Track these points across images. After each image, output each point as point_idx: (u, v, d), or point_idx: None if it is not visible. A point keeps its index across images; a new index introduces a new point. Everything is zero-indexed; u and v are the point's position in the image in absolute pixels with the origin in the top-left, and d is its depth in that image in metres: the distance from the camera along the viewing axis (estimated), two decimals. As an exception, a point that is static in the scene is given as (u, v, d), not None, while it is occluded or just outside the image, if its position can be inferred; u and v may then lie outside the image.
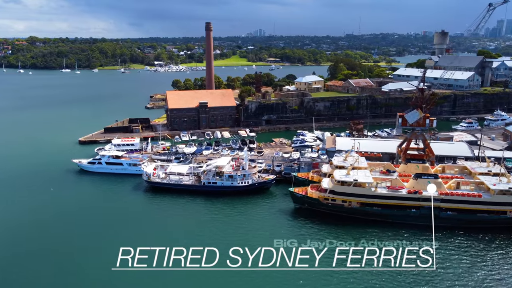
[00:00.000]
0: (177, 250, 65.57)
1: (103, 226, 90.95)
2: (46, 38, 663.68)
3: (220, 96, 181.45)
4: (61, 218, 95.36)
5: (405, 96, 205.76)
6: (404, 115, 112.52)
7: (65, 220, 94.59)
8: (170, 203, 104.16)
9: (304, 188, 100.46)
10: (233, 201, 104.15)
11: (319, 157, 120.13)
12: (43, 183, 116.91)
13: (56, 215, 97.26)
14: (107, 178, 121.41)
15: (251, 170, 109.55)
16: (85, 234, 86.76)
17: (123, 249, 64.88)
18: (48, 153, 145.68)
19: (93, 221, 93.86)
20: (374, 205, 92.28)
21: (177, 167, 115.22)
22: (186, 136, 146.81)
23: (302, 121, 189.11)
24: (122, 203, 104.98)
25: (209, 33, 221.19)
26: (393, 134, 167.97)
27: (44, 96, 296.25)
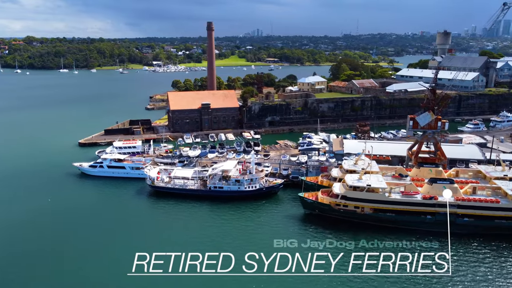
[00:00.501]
0: (192, 255, 65.83)
1: (111, 232, 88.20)
2: (43, 38, 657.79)
3: (223, 97, 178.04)
4: (66, 224, 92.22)
5: (409, 97, 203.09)
6: (416, 118, 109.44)
7: (71, 225, 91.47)
8: (176, 208, 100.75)
9: (314, 193, 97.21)
10: (241, 206, 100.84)
11: (327, 160, 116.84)
12: (44, 187, 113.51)
13: (61, 220, 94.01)
14: (109, 182, 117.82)
15: (259, 174, 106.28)
16: (95, 240, 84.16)
17: (139, 255, 65.17)
18: (47, 155, 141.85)
19: (100, 226, 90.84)
20: (387, 211, 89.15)
21: (182, 171, 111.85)
22: (189, 138, 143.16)
23: (306, 123, 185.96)
24: (127, 208, 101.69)
25: (211, 33, 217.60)
26: (399, 136, 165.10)
27: (42, 96, 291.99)
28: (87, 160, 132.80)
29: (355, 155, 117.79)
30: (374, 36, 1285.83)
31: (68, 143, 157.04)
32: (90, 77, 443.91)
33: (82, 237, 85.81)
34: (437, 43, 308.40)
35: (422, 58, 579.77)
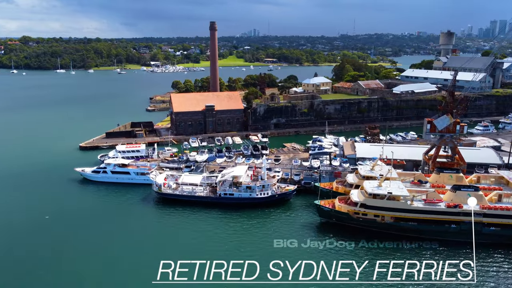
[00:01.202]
0: (217, 263, 66.12)
1: (125, 240, 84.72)
2: (39, 38, 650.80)
3: (227, 99, 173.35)
4: (75, 232, 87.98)
5: (416, 98, 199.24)
6: (433, 121, 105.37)
7: (81, 233, 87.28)
8: (185, 216, 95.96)
9: (331, 200, 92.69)
10: (252, 214, 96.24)
11: (341, 165, 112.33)
12: (45, 194, 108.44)
13: (69, 228, 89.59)
14: (113, 188, 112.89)
15: (271, 180, 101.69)
16: (114, 248, 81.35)
17: (164, 263, 65.17)
18: (47, 160, 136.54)
19: (112, 234, 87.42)
20: (410, 220, 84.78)
21: (190, 177, 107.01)
22: (195, 142, 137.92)
23: (312, 125, 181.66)
24: (135, 216, 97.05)
25: (214, 32, 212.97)
26: (409, 139, 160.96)
27: (40, 97, 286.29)
28: (89, 165, 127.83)
29: (369, 160, 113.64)
30: (371, 36, 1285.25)
31: (68, 147, 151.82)
32: (88, 77, 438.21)
33: (98, 245, 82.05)
34: (440, 43, 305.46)
35: (421, 58, 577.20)
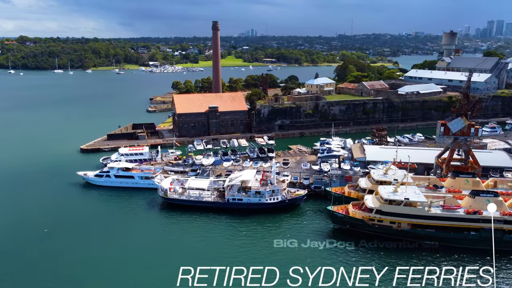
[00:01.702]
0: (237, 269, 65.50)
1: (136, 247, 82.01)
2: (36, 37, 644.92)
3: (230, 100, 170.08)
4: (83, 238, 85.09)
5: (422, 99, 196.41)
6: (447, 123, 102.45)
7: (89, 240, 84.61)
8: (194, 222, 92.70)
9: (344, 206, 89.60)
10: (263, 220, 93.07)
11: (351, 169, 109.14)
12: (46, 199, 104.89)
13: (75, 235, 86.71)
14: (117, 193, 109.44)
15: (280, 185, 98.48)
16: (127, 254, 79.54)
17: (183, 269, 64.49)
18: (47, 163, 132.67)
19: (120, 240, 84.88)
20: (427, 227, 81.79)
21: (197, 182, 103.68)
22: (200, 144, 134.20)
23: (317, 126, 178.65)
24: (143, 222, 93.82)
25: (216, 32, 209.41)
26: (415, 140, 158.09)
27: (38, 97, 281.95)
28: (90, 168, 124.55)
29: (381, 163, 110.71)
30: (369, 37, 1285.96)
31: (69, 149, 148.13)
32: (86, 77, 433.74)
33: (108, 253, 79.65)
34: (443, 44, 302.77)
35: (419, 58, 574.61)
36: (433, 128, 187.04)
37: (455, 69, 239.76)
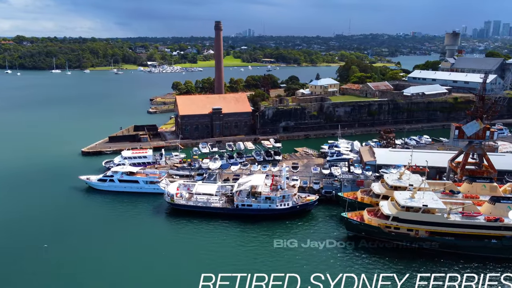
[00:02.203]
0: (258, 276, 65.34)
1: (147, 254, 79.03)
2: (33, 37, 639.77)
3: (234, 101, 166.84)
4: (87, 248, 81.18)
5: (427, 100, 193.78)
6: (462, 127, 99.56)
7: (94, 250, 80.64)
8: (203, 228, 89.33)
9: (358, 213, 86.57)
10: (273, 226, 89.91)
11: (363, 173, 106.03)
12: (48, 205, 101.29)
13: (77, 244, 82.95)
14: (121, 198, 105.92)
15: (291, 190, 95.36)
16: (133, 263, 76.24)
17: (205, 276, 64.26)
18: (47, 166, 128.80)
19: (128, 249, 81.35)
20: (446, 235, 78.84)
21: (204, 187, 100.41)
22: (205, 147, 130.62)
23: (322, 128, 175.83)
24: (149, 229, 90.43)
25: (219, 32, 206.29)
26: (423, 143, 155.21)
27: (36, 98, 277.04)
28: (93, 172, 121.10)
29: (393, 167, 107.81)
30: (366, 37, 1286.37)
31: (70, 152, 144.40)
32: (84, 78, 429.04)
33: (120, 261, 76.95)
34: (445, 44, 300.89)
35: (417, 58, 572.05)
36: (439, 129, 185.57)
37: (459, 69, 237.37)
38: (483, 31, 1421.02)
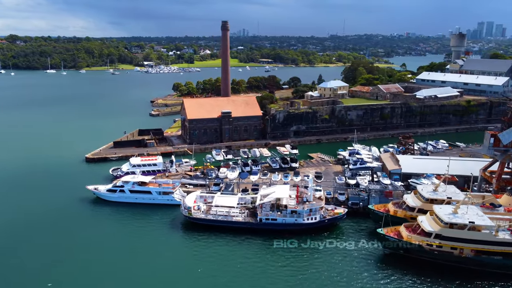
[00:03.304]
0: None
1: (172, 274, 72.97)
2: (27, 36, 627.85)
3: (244, 105, 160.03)
4: (101, 268, 74.07)
5: (440, 103, 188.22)
6: (498, 134, 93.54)
7: (110, 269, 73.65)
8: (228, 245, 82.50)
9: (394, 228, 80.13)
10: (301, 242, 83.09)
11: (392, 184, 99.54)
12: (53, 218, 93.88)
13: (86, 260, 76.31)
14: (132, 210, 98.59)
15: (319, 202, 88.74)
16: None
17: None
18: (50, 175, 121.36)
19: (148, 267, 74.46)
20: (494, 254, 72.62)
21: (224, 199, 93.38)
22: (219, 154, 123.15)
23: (333, 132, 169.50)
24: (166, 245, 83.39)
25: (226, 33, 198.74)
26: (439, 148, 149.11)
27: (34, 99, 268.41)
28: (99, 180, 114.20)
29: (423, 177, 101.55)
30: (361, 37, 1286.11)
31: (73, 158, 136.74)
32: (80, 78, 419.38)
33: (141, 277, 71.53)
34: (451, 45, 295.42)
35: (412, 59, 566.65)
36: (452, 134, 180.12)
37: (468, 71, 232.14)
38: (476, 32, 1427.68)
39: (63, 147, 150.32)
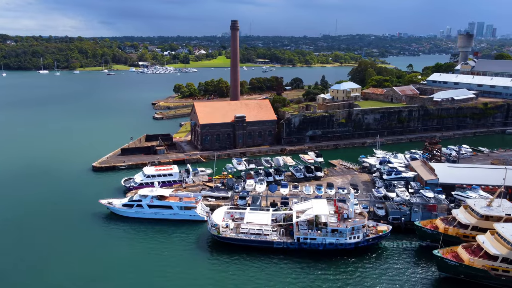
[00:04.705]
0: None
1: None
2: (18, 36, 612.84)
3: (257, 108, 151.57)
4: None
5: (457, 106, 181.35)
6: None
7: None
8: (268, 268, 73.98)
9: (450, 249, 72.19)
10: (344, 264, 75.28)
11: (436, 197, 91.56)
12: (66, 237, 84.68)
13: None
14: (152, 226, 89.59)
15: (361, 219, 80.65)
16: None
17: None
18: (57, 187, 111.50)
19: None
20: None
21: (256, 215, 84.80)
22: (241, 164, 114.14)
23: (350, 137, 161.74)
24: (198, 268, 74.54)
25: (236, 33, 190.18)
26: (463, 153, 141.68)
27: (31, 100, 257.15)
28: (110, 192, 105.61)
29: (468, 189, 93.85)
30: (353, 37, 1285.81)
31: (79, 167, 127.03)
32: (75, 78, 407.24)
33: None
34: (458, 46, 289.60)
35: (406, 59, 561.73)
36: (471, 138, 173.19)
37: (481, 73, 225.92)
38: (467, 32, 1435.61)
39: (66, 154, 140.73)
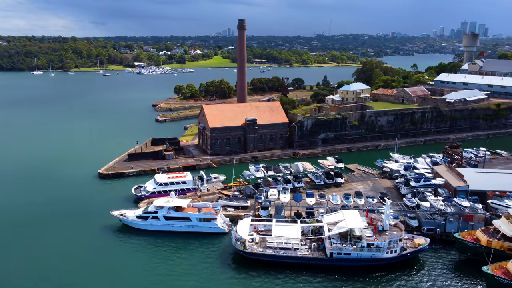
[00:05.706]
0: None
1: None
2: (10, 36, 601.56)
3: (268, 111, 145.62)
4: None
5: (470, 107, 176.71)
6: None
7: None
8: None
9: (499, 265, 66.78)
10: (383, 282, 69.59)
11: (472, 206, 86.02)
12: (76, 252, 78.12)
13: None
14: (170, 240, 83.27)
15: (398, 232, 74.97)
16: None
17: None
18: (64, 198, 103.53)
19: None
20: None
21: (283, 228, 78.80)
22: (259, 171, 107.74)
23: (363, 140, 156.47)
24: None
25: (243, 32, 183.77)
26: (481, 157, 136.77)
27: (28, 101, 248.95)
28: (121, 202, 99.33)
29: (508, 197, 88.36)
30: (347, 37, 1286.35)
31: (85, 174, 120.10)
32: (71, 79, 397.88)
33: None
34: (463, 45, 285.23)
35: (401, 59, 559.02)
36: (484, 139, 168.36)
37: (489, 73, 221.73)
38: (460, 31, 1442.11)
39: (71, 160, 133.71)
